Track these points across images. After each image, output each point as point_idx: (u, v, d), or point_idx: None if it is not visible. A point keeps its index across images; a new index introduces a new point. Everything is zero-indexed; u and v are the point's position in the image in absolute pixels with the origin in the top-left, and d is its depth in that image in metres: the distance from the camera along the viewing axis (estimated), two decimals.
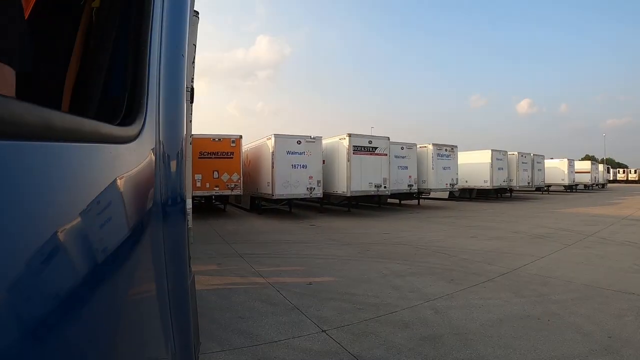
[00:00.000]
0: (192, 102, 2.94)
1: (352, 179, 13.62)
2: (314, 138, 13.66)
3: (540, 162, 26.35)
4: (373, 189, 14.24)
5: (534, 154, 25.46)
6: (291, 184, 13.15)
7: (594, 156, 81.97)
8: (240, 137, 14.05)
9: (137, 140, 0.76)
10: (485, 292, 4.76)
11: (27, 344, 0.38)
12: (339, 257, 6.93)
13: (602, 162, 51.32)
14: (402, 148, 16.30)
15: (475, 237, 9.20)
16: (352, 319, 3.93)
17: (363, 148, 14.05)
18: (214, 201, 15.74)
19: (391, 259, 6.77)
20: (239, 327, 3.72)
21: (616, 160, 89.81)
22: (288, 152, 13.20)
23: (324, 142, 14.37)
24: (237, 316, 4.02)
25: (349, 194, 13.69)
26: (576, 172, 32.62)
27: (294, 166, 13.24)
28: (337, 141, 14.37)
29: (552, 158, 58.34)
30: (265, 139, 13.96)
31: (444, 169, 17.78)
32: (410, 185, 16.51)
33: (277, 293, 4.79)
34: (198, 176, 13.51)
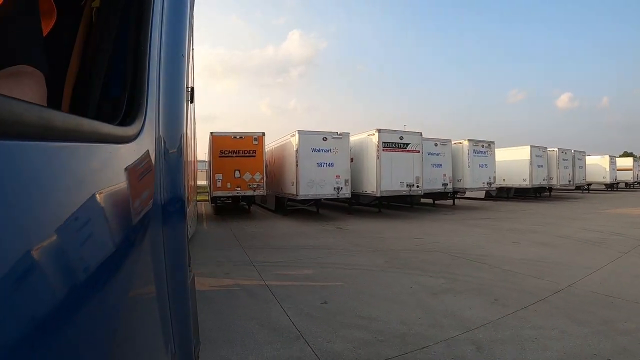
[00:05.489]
0: (192, 102, 2.90)
1: (382, 177, 12.59)
2: (340, 134, 12.72)
3: (581, 159, 24.48)
4: (405, 188, 13.15)
5: (574, 151, 23.65)
6: (317, 183, 12.26)
7: (632, 153, 77.72)
8: (263, 134, 13.28)
9: (136, 140, 0.77)
10: (537, 319, 3.77)
11: (26, 345, 0.38)
12: (363, 268, 6.01)
13: None
14: (436, 144, 15.14)
15: (518, 242, 8.07)
16: (370, 355, 3.06)
17: (393, 144, 13.00)
18: (240, 202, 14.95)
19: (423, 270, 5.81)
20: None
21: None
22: (313, 150, 12.32)
23: (351, 138, 13.39)
24: (225, 340, 3.31)
25: (378, 194, 12.67)
26: (617, 170, 30.47)
27: (319, 164, 12.35)
28: (365, 137, 13.37)
29: (588, 155, 55.72)
30: (289, 136, 13.12)
31: (480, 166, 16.48)
32: (444, 185, 15.32)
33: (282, 314, 3.95)
34: (218, 176, 12.90)
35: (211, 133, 13.14)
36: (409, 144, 13.28)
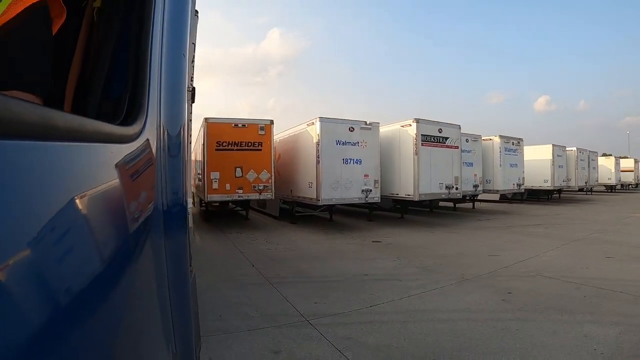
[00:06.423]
0: (193, 102, 2.50)
1: (420, 177, 10.33)
2: (370, 124, 10.33)
3: (594, 160, 23.35)
4: (444, 191, 10.96)
5: (589, 151, 22.37)
6: (342, 185, 9.83)
7: (611, 154, 79.59)
8: (271, 122, 10.68)
9: (138, 139, 0.76)
10: None
11: (28, 345, 0.38)
12: (481, 316, 3.77)
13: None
14: (467, 140, 13.05)
15: (611, 257, 6.37)
16: None
17: (433, 138, 10.76)
18: (231, 205, 12.11)
19: (565, 310, 3.89)
20: None
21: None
22: (338, 143, 9.88)
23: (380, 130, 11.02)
24: None
25: (417, 198, 10.38)
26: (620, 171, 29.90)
27: (345, 161, 9.93)
28: (397, 129, 11.05)
29: None
30: (305, 125, 10.58)
31: (511, 166, 14.58)
32: (475, 186, 13.28)
33: None
34: (214, 174, 10.20)
35: (205, 119, 10.35)
36: (448, 138, 11.10)
